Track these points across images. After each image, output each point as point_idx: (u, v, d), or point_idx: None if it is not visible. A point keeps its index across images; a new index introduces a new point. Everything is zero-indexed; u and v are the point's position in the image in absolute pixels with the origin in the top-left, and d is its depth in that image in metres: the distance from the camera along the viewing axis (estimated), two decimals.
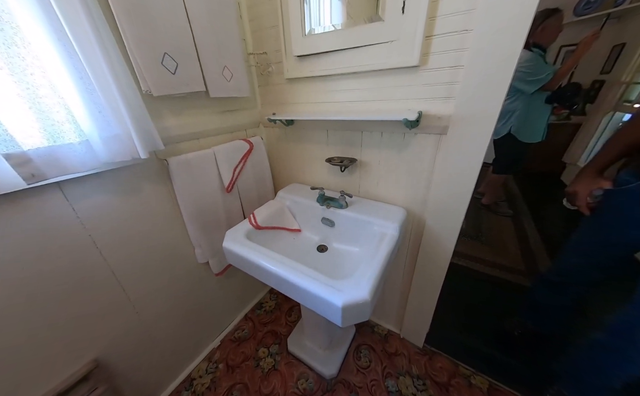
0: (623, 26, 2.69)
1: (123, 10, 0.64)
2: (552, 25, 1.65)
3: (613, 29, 2.73)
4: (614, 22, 2.70)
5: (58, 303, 0.68)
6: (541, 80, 1.70)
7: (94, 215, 0.72)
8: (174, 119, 0.86)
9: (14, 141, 0.52)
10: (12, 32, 0.49)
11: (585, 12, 2.70)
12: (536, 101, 1.82)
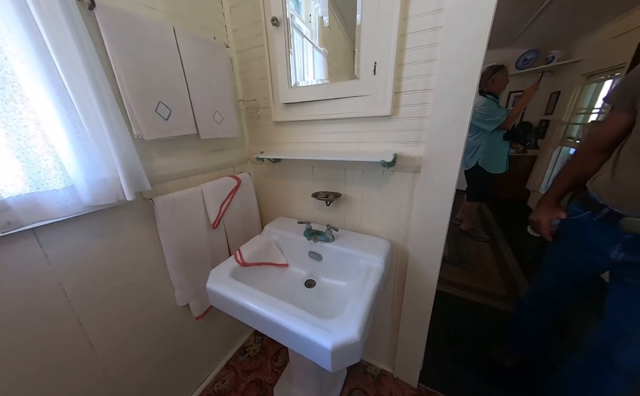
0: (556, 78, 3.25)
1: (122, 65, 0.70)
2: (499, 79, 1.99)
3: (549, 80, 3.29)
4: (549, 75, 3.27)
5: (12, 353, 0.60)
6: (497, 121, 1.98)
7: (68, 261, 0.68)
8: (163, 160, 0.88)
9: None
10: (12, 90, 0.52)
11: (524, 67, 3.24)
12: (496, 137, 2.08)
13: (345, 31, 0.87)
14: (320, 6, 0.93)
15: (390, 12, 0.72)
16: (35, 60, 0.53)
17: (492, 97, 2.03)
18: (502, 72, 1.99)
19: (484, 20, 0.62)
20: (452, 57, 0.69)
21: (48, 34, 0.54)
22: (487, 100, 2.02)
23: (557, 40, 2.88)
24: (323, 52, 0.98)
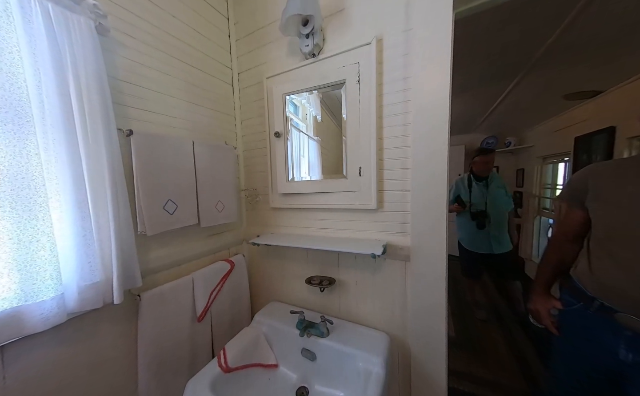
0: (518, 157, 3.75)
1: (142, 174, 0.80)
2: (477, 161, 2.09)
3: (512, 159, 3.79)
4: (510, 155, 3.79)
5: None
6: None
7: (25, 379, 0.61)
8: (160, 251, 0.90)
9: None
10: (37, 209, 0.57)
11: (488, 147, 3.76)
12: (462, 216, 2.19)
13: (335, 122, 1.05)
14: (314, 109, 1.15)
15: (368, 133, 0.90)
16: (69, 182, 0.61)
17: (472, 177, 2.10)
18: (481, 156, 2.04)
19: (440, 141, 0.79)
20: (420, 166, 0.83)
21: (86, 161, 0.64)
22: (457, 179, 2.23)
23: (512, 129, 3.48)
24: (317, 140, 1.16)
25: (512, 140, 3.53)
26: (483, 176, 2.07)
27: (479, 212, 2.02)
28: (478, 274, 2.34)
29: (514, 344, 2.04)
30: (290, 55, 1.06)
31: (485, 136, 3.74)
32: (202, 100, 1.06)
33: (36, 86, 0.57)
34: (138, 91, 0.83)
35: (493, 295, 3.00)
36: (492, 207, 2.00)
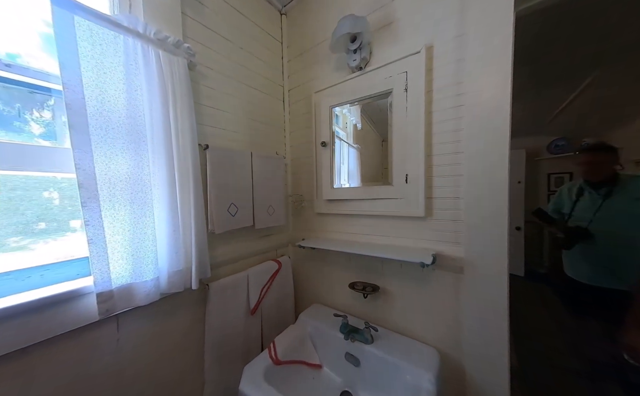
0: None
1: (213, 178, 0.95)
2: (581, 161, 1.49)
3: None
4: None
5: None
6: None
7: (133, 344, 0.77)
8: (223, 247, 1.04)
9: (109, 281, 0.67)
10: (146, 209, 0.74)
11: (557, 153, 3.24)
12: None
13: (375, 130, 1.08)
14: (355, 117, 1.19)
15: (416, 140, 0.89)
16: (165, 188, 0.77)
17: (586, 184, 1.47)
18: (589, 154, 1.44)
19: (500, 148, 0.74)
20: (476, 174, 0.78)
21: (178, 172, 0.80)
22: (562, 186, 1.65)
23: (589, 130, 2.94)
24: (357, 147, 1.19)
25: (589, 141, 2.97)
26: (598, 180, 1.39)
27: (573, 229, 1.44)
28: (582, 310, 1.59)
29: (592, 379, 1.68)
30: (337, 70, 1.13)
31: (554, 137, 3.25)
32: (259, 116, 1.20)
33: (150, 114, 0.75)
34: (212, 112, 0.99)
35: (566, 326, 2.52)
36: (608, 224, 1.32)
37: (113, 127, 0.68)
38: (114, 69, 0.68)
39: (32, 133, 0.68)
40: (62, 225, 0.72)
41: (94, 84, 0.64)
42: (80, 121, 0.62)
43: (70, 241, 0.73)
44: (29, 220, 0.67)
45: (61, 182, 0.72)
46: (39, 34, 0.68)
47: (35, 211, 0.68)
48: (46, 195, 0.69)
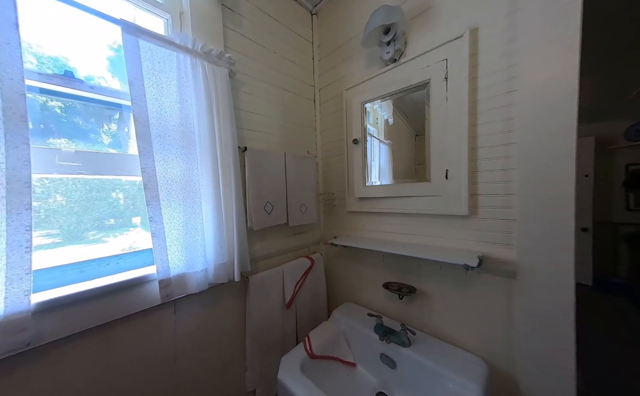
0: None
1: (251, 181, 1.01)
2: None
3: None
4: None
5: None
6: None
7: (188, 328, 0.87)
8: (260, 243, 1.10)
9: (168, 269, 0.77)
10: (196, 206, 0.83)
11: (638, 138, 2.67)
12: None
13: (408, 124, 1.03)
14: (386, 112, 1.15)
15: (457, 132, 0.82)
16: (211, 187, 0.85)
17: None
18: None
19: (564, 137, 0.64)
20: (533, 168, 0.69)
21: (221, 173, 0.87)
22: None
23: None
24: (388, 143, 1.15)
25: None
26: None
27: None
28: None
29: None
30: (369, 65, 1.11)
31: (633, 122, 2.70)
32: (291, 117, 1.24)
33: (197, 122, 0.83)
34: (250, 116, 1.06)
35: None
36: None
37: (169, 135, 0.77)
38: (169, 83, 0.76)
39: (103, 143, 0.81)
40: (126, 221, 0.85)
41: (154, 97, 0.73)
42: (145, 131, 0.71)
43: (132, 235, 0.86)
44: (102, 217, 0.80)
45: (125, 185, 0.84)
46: (106, 58, 0.80)
47: (106, 209, 0.81)
48: (114, 195, 0.82)
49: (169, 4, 0.85)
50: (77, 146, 0.72)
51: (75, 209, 0.74)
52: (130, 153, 0.82)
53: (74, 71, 0.69)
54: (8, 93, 0.52)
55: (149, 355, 0.78)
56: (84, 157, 0.71)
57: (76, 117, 0.74)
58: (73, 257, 0.72)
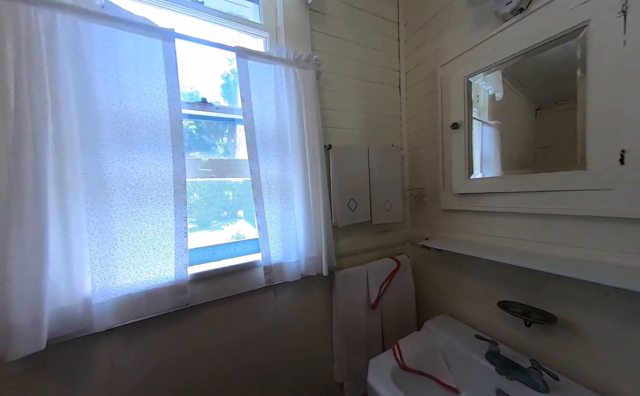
0: None
1: (335, 177, 1.02)
2: None
3: None
4: None
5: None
6: None
7: (287, 313, 0.97)
8: (344, 240, 1.10)
9: (270, 258, 0.87)
10: (290, 204, 0.90)
11: None
12: None
13: (523, 97, 0.78)
14: (492, 86, 0.89)
15: None
16: (301, 185, 0.91)
17: None
18: None
19: None
20: None
21: (310, 172, 0.91)
22: None
23: None
24: (495, 124, 0.89)
25: None
26: None
27: None
28: None
29: None
30: (477, 28, 0.89)
31: None
32: (374, 109, 1.17)
33: (290, 126, 0.90)
34: (333, 114, 1.07)
35: None
36: None
37: (268, 140, 0.87)
38: (268, 94, 0.86)
39: (219, 152, 1.00)
40: (234, 214, 1.04)
41: (258, 109, 0.85)
42: (252, 139, 0.83)
43: (238, 225, 1.04)
44: (219, 210, 1.00)
45: (233, 185, 1.03)
46: (220, 86, 0.99)
47: (221, 204, 1.01)
48: (226, 193, 1.02)
49: (267, 23, 0.96)
50: (209, 156, 0.93)
51: (204, 204, 0.97)
52: (237, 158, 0.99)
53: (205, 98, 0.89)
54: (173, 120, 0.71)
55: (257, 328, 0.92)
56: (213, 164, 0.91)
57: (203, 135, 0.97)
58: (206, 241, 0.94)
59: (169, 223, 0.72)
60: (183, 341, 0.79)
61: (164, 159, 0.71)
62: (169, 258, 0.72)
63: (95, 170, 0.63)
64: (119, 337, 0.70)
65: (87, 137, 0.61)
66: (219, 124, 1.00)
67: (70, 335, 0.61)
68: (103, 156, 0.63)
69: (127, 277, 0.67)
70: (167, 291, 0.72)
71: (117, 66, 0.64)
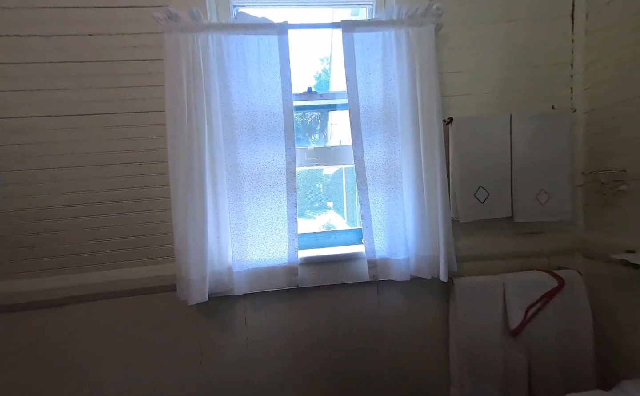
0: None
1: (457, 158, 0.79)
2: None
3: None
4: None
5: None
6: None
7: (386, 308, 0.87)
8: (466, 240, 0.86)
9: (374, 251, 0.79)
10: (396, 189, 0.78)
11: None
12: None
13: None
14: None
15: None
16: (412, 172, 0.76)
17: None
18: None
19: None
20: None
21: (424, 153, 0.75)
22: None
23: None
24: None
25: None
26: None
27: None
28: None
29: None
30: None
31: None
32: (521, 59, 0.83)
33: (399, 99, 0.76)
34: (456, 78, 0.83)
35: None
36: None
37: (373, 121, 0.78)
38: (374, 68, 0.76)
39: (315, 140, 1.00)
40: (324, 205, 1.04)
41: (363, 87, 0.76)
42: (356, 121, 0.76)
43: (328, 216, 1.04)
44: (312, 200, 1.03)
45: (323, 178, 1.02)
46: (320, 72, 0.98)
47: (313, 195, 1.04)
48: (317, 185, 1.03)
49: None
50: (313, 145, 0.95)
51: (301, 193, 1.01)
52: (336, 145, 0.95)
53: (310, 88, 0.90)
54: (286, 111, 0.75)
55: (358, 321, 0.87)
56: (318, 152, 0.91)
57: (305, 123, 1.00)
58: (307, 228, 0.98)
59: (282, 209, 0.78)
60: (296, 317, 0.85)
61: (278, 149, 0.77)
62: (283, 241, 0.78)
63: (233, 161, 0.75)
64: (250, 303, 0.83)
65: (227, 134, 0.74)
66: (313, 114, 1.01)
67: (221, 293, 0.77)
68: (236, 149, 0.75)
69: (254, 253, 0.77)
70: (282, 271, 0.78)
71: (246, 69, 0.73)
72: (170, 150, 0.71)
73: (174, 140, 0.70)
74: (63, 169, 0.75)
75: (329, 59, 1.11)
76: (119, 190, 0.77)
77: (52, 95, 0.73)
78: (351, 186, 1.19)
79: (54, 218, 0.75)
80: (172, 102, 0.69)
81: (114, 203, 0.77)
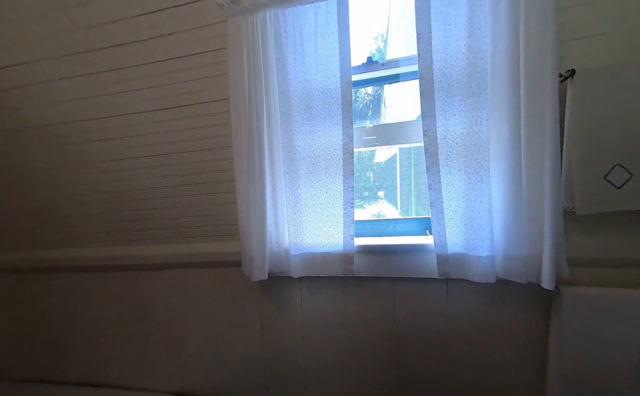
0: None
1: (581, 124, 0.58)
2: None
3: None
4: None
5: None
6: None
7: (456, 313, 0.74)
8: (589, 238, 0.64)
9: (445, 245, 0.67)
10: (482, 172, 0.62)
11: None
12: None
13: None
14: None
15: None
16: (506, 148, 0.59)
17: None
18: None
19: None
20: None
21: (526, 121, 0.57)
22: None
23: None
24: None
25: None
26: None
27: None
28: None
29: None
30: None
31: None
32: None
33: (492, 54, 0.59)
34: (578, 13, 0.59)
35: None
36: None
37: (452, 85, 0.63)
38: (456, 17, 0.61)
39: (373, 117, 0.90)
40: (374, 195, 0.97)
41: (440, 43, 0.62)
42: (428, 88, 0.64)
43: (379, 206, 0.97)
44: (361, 190, 0.98)
45: (374, 166, 0.94)
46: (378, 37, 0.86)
47: (362, 184, 0.99)
48: (367, 174, 0.95)
49: None
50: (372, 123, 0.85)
51: None
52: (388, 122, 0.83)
53: (371, 57, 0.80)
54: (344, 84, 0.68)
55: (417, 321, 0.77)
56: (378, 131, 0.82)
57: (356, 109, 0.91)
58: (359, 216, 0.91)
59: (338, 193, 0.73)
60: (350, 307, 0.82)
61: (335, 128, 0.71)
62: (339, 227, 0.74)
63: (289, 144, 0.74)
64: (306, 286, 0.83)
65: (284, 115, 0.73)
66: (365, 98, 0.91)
67: (280, 273, 0.80)
68: (292, 130, 0.73)
69: (309, 238, 0.76)
70: (337, 258, 0.75)
71: (303, 43, 0.69)
72: (234, 135, 0.74)
73: (237, 125, 0.73)
74: (153, 157, 0.89)
75: (383, 36, 0.99)
76: (197, 174, 0.87)
77: (147, 93, 0.85)
78: (406, 172, 1.07)
79: (151, 198, 0.91)
80: (235, 89, 0.72)
81: (193, 185, 0.88)
